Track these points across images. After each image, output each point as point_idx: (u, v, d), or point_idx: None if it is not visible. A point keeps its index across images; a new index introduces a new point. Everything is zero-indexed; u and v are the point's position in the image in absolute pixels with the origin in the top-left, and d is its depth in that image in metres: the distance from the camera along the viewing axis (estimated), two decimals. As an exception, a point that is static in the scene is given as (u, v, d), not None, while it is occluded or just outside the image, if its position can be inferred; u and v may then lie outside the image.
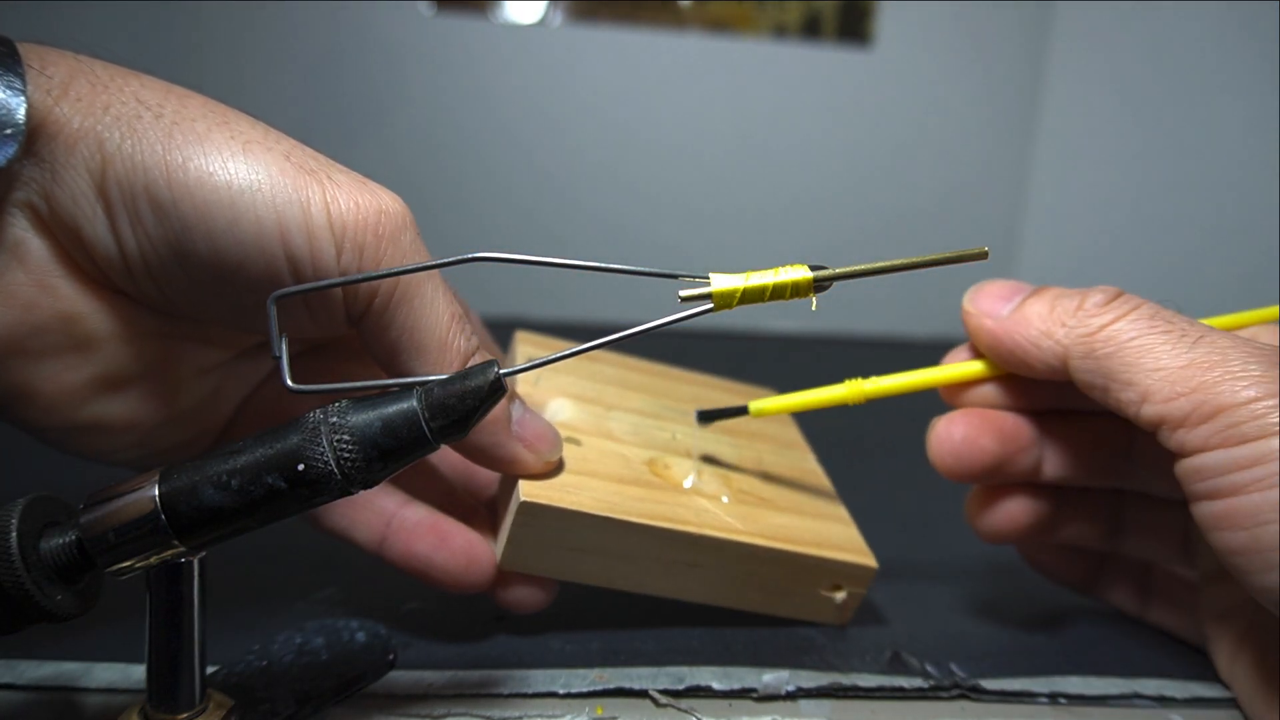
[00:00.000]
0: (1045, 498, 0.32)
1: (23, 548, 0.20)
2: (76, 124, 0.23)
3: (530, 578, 0.30)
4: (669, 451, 0.34)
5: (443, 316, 0.26)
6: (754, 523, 0.31)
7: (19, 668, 0.27)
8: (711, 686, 0.28)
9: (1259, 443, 0.23)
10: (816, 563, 0.31)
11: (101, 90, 0.23)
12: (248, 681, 0.26)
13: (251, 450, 0.21)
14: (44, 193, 0.23)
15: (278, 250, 0.23)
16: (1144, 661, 0.32)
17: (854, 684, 0.29)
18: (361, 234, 0.24)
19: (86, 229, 0.23)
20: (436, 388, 0.22)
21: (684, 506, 0.31)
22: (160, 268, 0.24)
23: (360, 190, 0.25)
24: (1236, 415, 0.23)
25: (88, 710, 0.26)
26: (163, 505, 0.21)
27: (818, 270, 0.25)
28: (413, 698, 0.27)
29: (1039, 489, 0.32)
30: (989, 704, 0.29)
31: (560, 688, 0.28)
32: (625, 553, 0.29)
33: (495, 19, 1.21)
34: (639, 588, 0.31)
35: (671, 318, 0.24)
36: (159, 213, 0.23)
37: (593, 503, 0.28)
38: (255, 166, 0.23)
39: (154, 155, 0.23)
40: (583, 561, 0.29)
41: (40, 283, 0.24)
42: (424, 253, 0.26)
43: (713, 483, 0.33)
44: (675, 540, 0.29)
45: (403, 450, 0.21)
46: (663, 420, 0.37)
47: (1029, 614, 0.36)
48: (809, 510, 0.34)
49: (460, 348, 0.26)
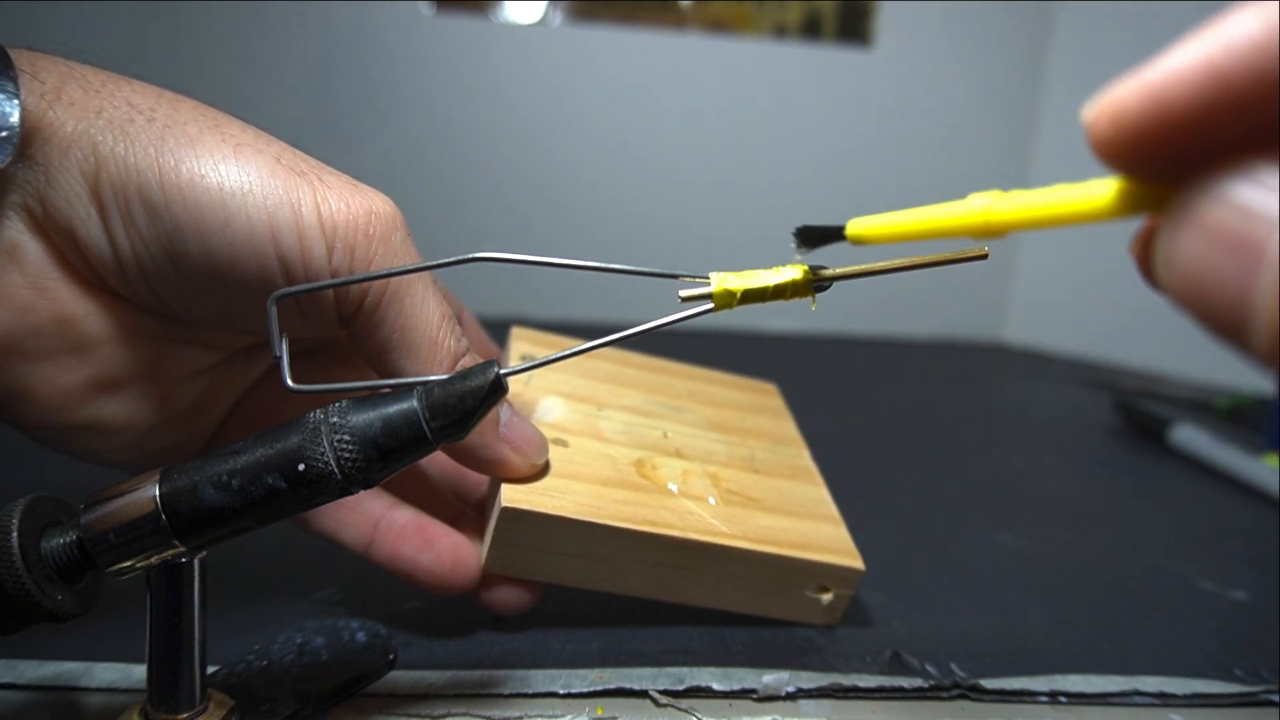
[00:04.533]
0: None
1: (23, 548, 0.20)
2: (70, 128, 0.23)
3: (516, 580, 0.30)
4: (658, 451, 0.34)
5: (433, 317, 0.26)
6: (740, 525, 0.31)
7: (19, 667, 0.27)
8: (711, 687, 0.28)
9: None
10: (802, 565, 0.31)
11: (94, 95, 0.23)
12: (248, 681, 0.26)
13: (252, 450, 0.21)
14: (39, 195, 0.23)
15: (269, 251, 0.24)
16: (1144, 660, 0.32)
17: (854, 684, 0.29)
18: (352, 234, 0.24)
19: (81, 231, 0.23)
20: (436, 388, 0.22)
21: (669, 509, 0.31)
22: (153, 269, 0.24)
23: (350, 192, 0.25)
24: None
25: (88, 710, 0.26)
26: (163, 505, 0.21)
27: (818, 270, 0.25)
28: (413, 698, 0.27)
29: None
30: (989, 704, 0.29)
31: (560, 688, 0.28)
32: (609, 556, 0.30)
33: (495, 19, 1.21)
34: (625, 590, 0.31)
35: (671, 318, 0.24)
36: (152, 214, 0.23)
37: (575, 507, 0.29)
38: (246, 169, 0.24)
39: (146, 158, 0.23)
40: (567, 565, 0.30)
41: (36, 285, 0.24)
42: (414, 253, 0.26)
43: (700, 483, 0.33)
44: (659, 544, 0.30)
45: (403, 450, 0.21)
46: (655, 418, 0.37)
47: (1029, 614, 0.36)
48: (798, 510, 0.34)
49: (450, 348, 0.26)
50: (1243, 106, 0.13)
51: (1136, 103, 0.14)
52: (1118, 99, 0.15)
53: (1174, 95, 0.14)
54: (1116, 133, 0.15)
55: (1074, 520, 0.49)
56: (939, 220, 0.20)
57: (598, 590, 0.31)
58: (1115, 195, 0.16)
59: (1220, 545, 0.46)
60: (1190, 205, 0.14)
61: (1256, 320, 0.13)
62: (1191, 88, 0.14)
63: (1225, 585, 0.40)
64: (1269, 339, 0.13)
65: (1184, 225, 0.14)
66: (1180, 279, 0.14)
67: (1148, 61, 0.15)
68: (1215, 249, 0.14)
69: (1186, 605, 0.38)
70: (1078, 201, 0.17)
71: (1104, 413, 0.75)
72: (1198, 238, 0.14)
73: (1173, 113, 0.14)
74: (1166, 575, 0.41)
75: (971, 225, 0.19)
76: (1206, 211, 0.14)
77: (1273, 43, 0.13)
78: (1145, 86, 0.14)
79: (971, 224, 0.19)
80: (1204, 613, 0.37)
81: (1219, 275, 0.14)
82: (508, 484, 0.28)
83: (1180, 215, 0.14)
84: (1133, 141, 0.15)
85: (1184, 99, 0.14)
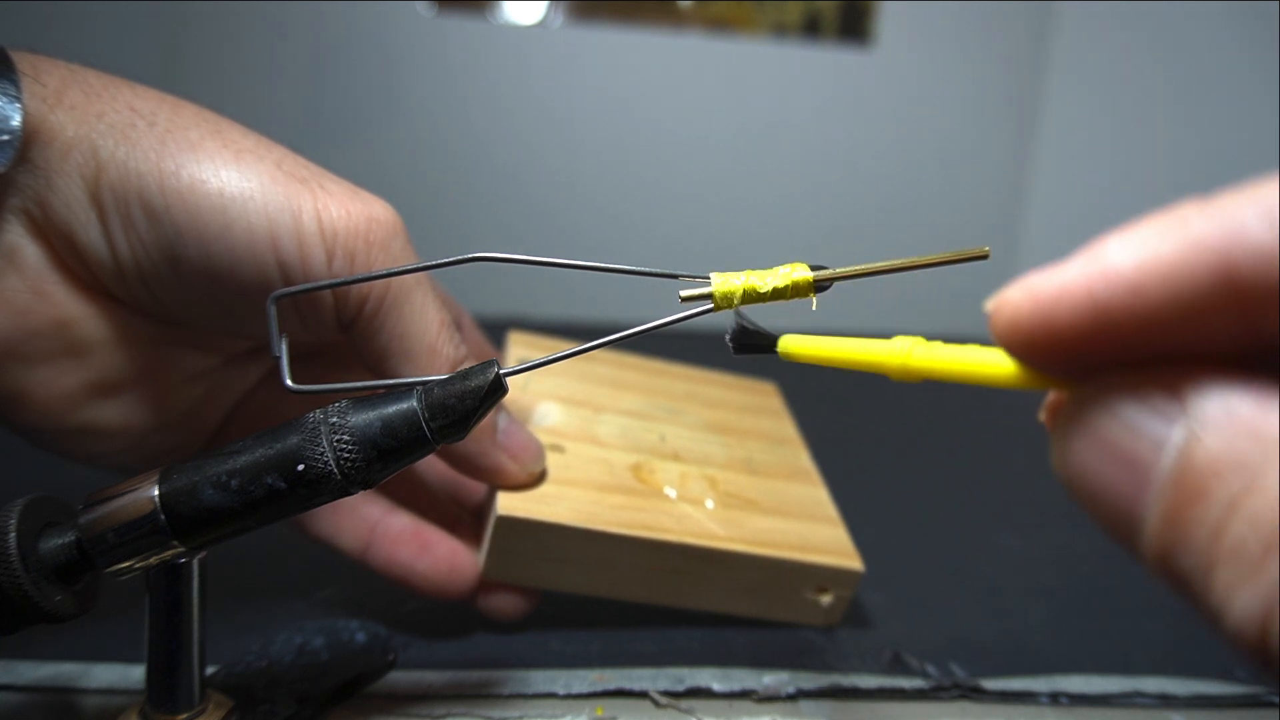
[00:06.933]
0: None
1: (22, 548, 0.20)
2: (71, 131, 0.23)
3: (512, 586, 0.30)
4: (656, 455, 0.34)
5: (431, 323, 0.26)
6: (737, 528, 0.31)
7: (18, 668, 0.27)
8: (711, 688, 0.28)
9: None
10: (800, 567, 0.31)
11: (95, 98, 0.23)
12: (248, 682, 0.26)
13: (251, 451, 0.21)
14: (39, 199, 0.23)
15: (269, 256, 0.24)
16: (1145, 660, 0.32)
17: (854, 685, 0.29)
18: (352, 241, 0.24)
19: (80, 235, 0.23)
20: (436, 388, 0.22)
21: (665, 514, 0.31)
22: (153, 273, 0.24)
23: (351, 198, 0.25)
24: None
25: (87, 710, 0.26)
26: (163, 506, 0.21)
27: (818, 270, 0.25)
28: (413, 698, 0.27)
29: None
30: (989, 704, 0.29)
31: (560, 688, 0.28)
32: (606, 562, 0.30)
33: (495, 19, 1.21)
34: (623, 595, 0.31)
35: (671, 318, 0.24)
36: (152, 219, 0.23)
37: (571, 514, 0.29)
38: (247, 174, 0.24)
39: (147, 162, 0.23)
40: (564, 571, 0.30)
41: (35, 288, 0.24)
42: (414, 259, 0.26)
43: (698, 486, 0.33)
44: (655, 549, 0.30)
45: (402, 450, 0.21)
46: (653, 420, 0.36)
47: (1029, 614, 0.36)
48: (796, 512, 0.34)
49: (448, 355, 0.26)
50: (1124, 334, 0.14)
51: (1029, 313, 0.15)
52: (1013, 304, 0.15)
53: (1059, 315, 0.14)
54: (1013, 334, 0.15)
55: (1074, 520, 0.49)
56: (864, 354, 0.21)
57: (596, 596, 0.31)
58: (1019, 370, 0.17)
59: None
60: (1085, 414, 0.15)
61: (1144, 535, 0.14)
62: (1072, 311, 0.14)
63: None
64: (1155, 555, 0.14)
65: (1079, 432, 0.15)
66: (1074, 480, 0.15)
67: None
68: (1107, 462, 0.14)
69: (1187, 606, 0.38)
70: (986, 366, 0.18)
71: (1104, 413, 0.75)
72: (1091, 448, 0.15)
73: (1059, 329, 0.14)
74: (1167, 575, 0.41)
75: (889, 365, 0.20)
76: (1100, 425, 0.14)
77: (1145, 285, 0.13)
78: (1034, 299, 0.15)
79: (890, 364, 0.20)
80: (1204, 613, 0.37)
81: (1110, 486, 0.14)
82: (504, 491, 0.28)
83: (1077, 421, 0.15)
84: (1026, 345, 0.15)
85: (1068, 320, 0.14)
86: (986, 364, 0.18)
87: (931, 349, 0.20)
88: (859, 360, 0.22)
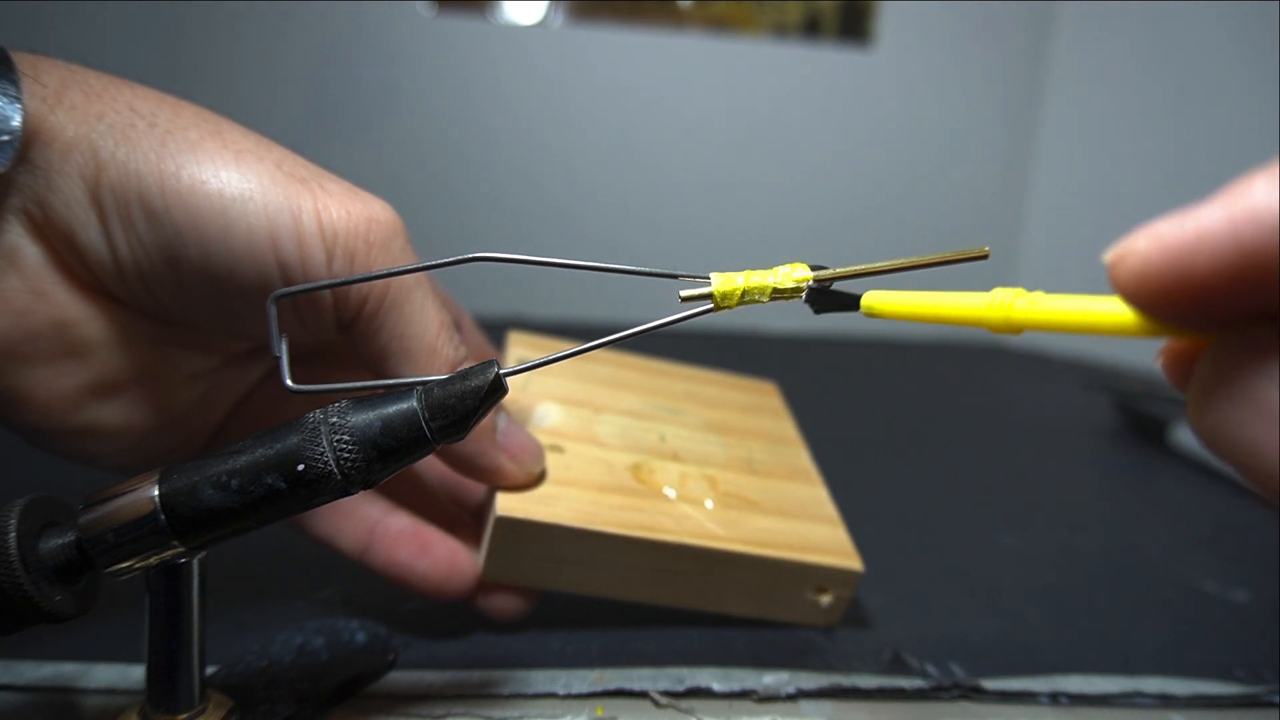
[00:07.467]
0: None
1: (22, 548, 0.20)
2: (71, 132, 0.23)
3: (512, 586, 0.30)
4: (655, 455, 0.34)
5: (431, 324, 0.26)
6: (737, 528, 0.31)
7: (18, 668, 0.27)
8: (712, 688, 0.28)
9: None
10: (800, 567, 0.31)
11: (95, 99, 0.23)
12: (248, 682, 0.26)
13: (251, 450, 0.21)
14: (38, 199, 0.23)
15: (269, 257, 0.24)
16: (1145, 660, 0.32)
17: (854, 685, 0.29)
18: (352, 241, 0.24)
19: (80, 235, 0.23)
20: (436, 388, 0.22)
21: (665, 514, 0.31)
22: (152, 273, 0.24)
23: (351, 199, 0.25)
24: None
25: (87, 711, 0.26)
26: (162, 505, 0.21)
27: (818, 270, 0.25)
28: (413, 698, 0.27)
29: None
30: (989, 704, 0.29)
31: (560, 688, 0.28)
32: (605, 562, 0.30)
33: (495, 19, 1.21)
34: (623, 595, 0.31)
35: (671, 318, 0.24)
36: (152, 219, 0.23)
37: (570, 514, 0.29)
38: (247, 175, 0.24)
39: (147, 163, 0.23)
40: (564, 572, 0.30)
41: (35, 289, 0.24)
42: (414, 259, 0.26)
43: (698, 486, 0.33)
44: (655, 549, 0.30)
45: (402, 450, 0.21)
46: (652, 420, 0.36)
47: (1029, 614, 0.36)
48: (796, 512, 0.34)
49: (448, 356, 0.26)
50: (1274, 282, 0.13)
51: (1160, 262, 0.14)
52: (1140, 254, 0.14)
53: (1199, 263, 0.13)
54: (1140, 286, 0.14)
55: (1074, 520, 0.49)
56: (959, 309, 0.20)
57: (596, 596, 0.31)
58: (1140, 320, 0.16)
59: (1220, 545, 0.46)
60: (1236, 374, 0.14)
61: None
62: (1213, 258, 0.13)
63: (1226, 585, 0.40)
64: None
65: (1229, 393, 0.14)
66: (1221, 439, 0.14)
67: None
68: (1264, 425, 0.13)
69: (1187, 606, 0.38)
70: (1102, 316, 0.16)
71: (1104, 413, 0.75)
72: (1244, 409, 0.14)
73: (1196, 278, 0.13)
74: (1167, 575, 0.41)
75: (990, 320, 0.19)
76: (1257, 387, 0.13)
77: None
78: (1164, 247, 0.14)
79: (990, 318, 0.19)
80: (1205, 613, 0.37)
81: (1270, 449, 0.13)
82: (503, 492, 0.29)
83: (1226, 380, 0.14)
84: (1157, 296, 0.14)
85: (1208, 268, 0.13)
86: (1103, 314, 0.16)
87: (1034, 299, 0.18)
88: (953, 315, 0.20)
